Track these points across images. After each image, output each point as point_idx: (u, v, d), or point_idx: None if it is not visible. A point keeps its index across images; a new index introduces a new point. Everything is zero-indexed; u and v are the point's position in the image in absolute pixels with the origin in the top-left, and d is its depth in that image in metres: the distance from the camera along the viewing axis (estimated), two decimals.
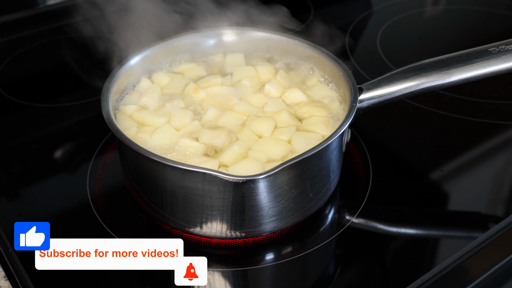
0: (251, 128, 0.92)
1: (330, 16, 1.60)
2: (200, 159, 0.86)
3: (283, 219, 0.87)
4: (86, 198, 0.98)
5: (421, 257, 0.89)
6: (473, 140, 1.13)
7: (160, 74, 1.04)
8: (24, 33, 1.47)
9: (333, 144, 0.86)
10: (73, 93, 1.27)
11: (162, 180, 0.83)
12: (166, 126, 0.93)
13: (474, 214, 0.98)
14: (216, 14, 1.08)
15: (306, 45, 1.05)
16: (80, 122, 1.20)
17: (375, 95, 0.93)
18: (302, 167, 0.83)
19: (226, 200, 0.82)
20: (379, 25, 1.55)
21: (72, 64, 1.33)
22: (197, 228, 0.87)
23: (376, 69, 1.35)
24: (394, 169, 1.06)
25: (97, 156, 1.07)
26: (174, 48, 1.07)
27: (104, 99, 0.90)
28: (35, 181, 1.05)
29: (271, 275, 0.88)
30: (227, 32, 1.10)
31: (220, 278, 0.86)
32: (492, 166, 1.07)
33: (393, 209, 0.97)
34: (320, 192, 0.90)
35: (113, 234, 0.91)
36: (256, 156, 0.86)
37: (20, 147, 1.13)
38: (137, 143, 0.82)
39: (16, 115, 1.23)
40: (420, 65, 0.94)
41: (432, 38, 1.51)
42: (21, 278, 0.84)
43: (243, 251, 0.89)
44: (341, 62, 0.99)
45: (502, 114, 1.20)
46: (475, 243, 0.90)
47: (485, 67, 0.93)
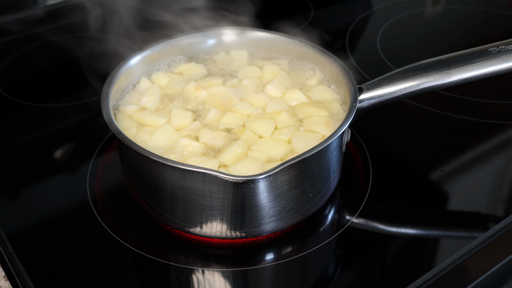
0: (252, 129, 0.92)
1: (330, 16, 1.60)
2: (200, 159, 0.86)
3: (283, 219, 0.87)
4: (86, 198, 0.98)
5: (421, 257, 0.89)
6: (473, 140, 1.13)
7: (160, 74, 1.04)
8: (24, 33, 1.47)
9: (333, 144, 0.86)
10: (73, 93, 1.27)
11: (162, 180, 0.83)
12: (166, 126, 0.93)
13: (474, 214, 0.98)
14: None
15: (306, 45, 1.05)
16: (80, 122, 1.20)
17: (375, 95, 0.93)
18: (302, 167, 0.83)
19: (226, 200, 0.82)
20: (379, 25, 1.55)
21: (72, 64, 1.33)
22: (197, 228, 0.87)
23: (376, 69, 1.35)
24: (394, 169, 1.06)
25: (97, 156, 1.07)
26: (174, 48, 1.07)
27: (104, 99, 0.90)
28: (35, 181, 1.05)
29: (271, 275, 0.88)
30: (227, 32, 1.10)
31: (220, 278, 0.86)
32: (492, 166, 1.07)
33: (393, 209, 0.97)
34: (320, 192, 0.90)
35: (113, 234, 0.91)
36: (256, 156, 0.86)
37: (20, 147, 1.13)
38: (137, 143, 0.82)
39: (16, 115, 1.23)
40: (420, 65, 0.94)
41: (432, 38, 1.51)
42: (21, 278, 0.84)
43: (243, 251, 0.89)
44: (341, 62, 0.99)
45: (502, 114, 1.20)
46: (475, 243, 0.90)
47: (485, 67, 0.93)
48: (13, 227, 0.93)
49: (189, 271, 0.86)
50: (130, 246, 0.89)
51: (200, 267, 0.87)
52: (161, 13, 1.09)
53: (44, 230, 0.93)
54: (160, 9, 1.09)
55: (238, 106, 0.97)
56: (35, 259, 0.88)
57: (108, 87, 0.93)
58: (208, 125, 0.94)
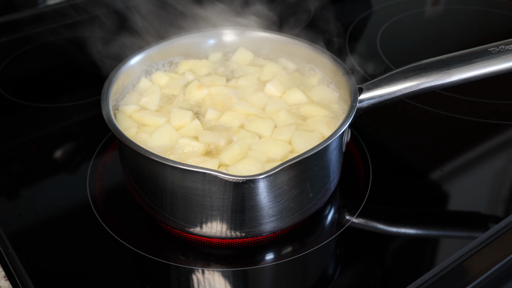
0: (251, 128, 0.92)
1: (330, 16, 1.60)
2: (200, 158, 0.86)
3: (283, 219, 0.87)
4: (86, 198, 0.98)
5: (421, 257, 0.89)
6: (473, 140, 1.13)
7: (160, 74, 1.04)
8: (24, 33, 1.47)
9: (333, 144, 0.86)
10: (73, 93, 1.27)
11: (162, 180, 0.83)
12: (166, 126, 0.92)
13: (474, 214, 0.98)
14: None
15: (306, 45, 1.05)
16: (80, 122, 1.20)
17: (375, 95, 0.93)
18: (302, 167, 0.83)
19: (226, 200, 0.82)
20: (379, 25, 1.55)
21: (72, 64, 1.33)
22: (197, 228, 0.87)
23: (376, 69, 1.35)
24: (394, 169, 1.06)
25: (97, 156, 1.07)
26: (174, 48, 1.07)
27: (104, 99, 0.90)
28: (35, 181, 1.05)
29: (271, 275, 0.88)
30: (227, 32, 1.10)
31: (220, 278, 0.86)
32: (492, 166, 1.07)
33: (393, 209, 0.97)
34: (320, 192, 0.90)
35: (113, 234, 0.91)
36: (256, 156, 0.86)
37: (20, 147, 1.13)
38: (137, 143, 0.82)
39: (16, 115, 1.23)
40: (420, 65, 0.94)
41: (432, 38, 1.51)
42: (21, 278, 0.84)
43: (243, 251, 0.89)
44: (341, 62, 0.99)
45: (502, 114, 1.20)
46: (475, 243, 0.90)
47: (485, 67, 0.93)
48: (13, 227, 0.93)
49: (189, 271, 0.86)
50: (130, 246, 0.89)
51: (200, 267, 0.87)
52: (161, 13, 1.09)
53: (44, 230, 0.93)
54: (160, 9, 1.09)
55: (237, 106, 0.97)
56: (35, 259, 0.88)
57: (108, 87, 0.93)
58: (208, 124, 0.94)
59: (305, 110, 0.96)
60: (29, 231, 0.93)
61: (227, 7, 1.10)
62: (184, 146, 0.89)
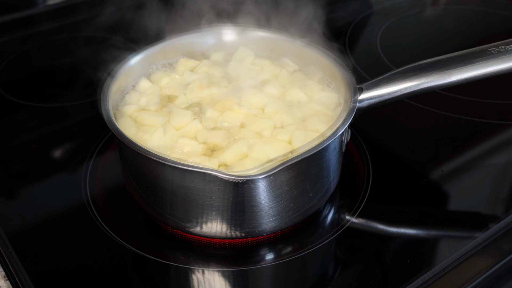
0: (251, 128, 0.92)
1: (330, 16, 1.60)
2: (199, 158, 0.86)
3: (283, 219, 0.87)
4: (86, 198, 0.98)
5: (421, 257, 0.89)
6: (473, 140, 1.13)
7: (160, 74, 1.04)
8: (24, 33, 1.47)
9: (333, 144, 0.86)
10: (73, 93, 1.27)
11: (162, 180, 0.83)
12: (166, 126, 0.92)
13: (474, 214, 0.98)
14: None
15: (306, 45, 1.05)
16: (80, 122, 1.20)
17: (375, 95, 0.93)
18: (302, 167, 0.83)
19: (226, 200, 0.82)
20: (379, 25, 1.55)
21: (72, 64, 1.33)
22: (197, 228, 0.87)
23: (376, 69, 1.35)
24: (394, 169, 1.06)
25: (97, 156, 1.07)
26: (174, 48, 1.07)
27: (103, 99, 0.90)
28: (35, 181, 1.05)
29: (271, 275, 0.88)
30: (227, 32, 1.10)
31: (220, 278, 0.86)
32: (492, 166, 1.07)
33: (393, 209, 0.97)
34: (320, 192, 0.90)
35: (112, 234, 0.91)
36: (256, 156, 0.86)
37: (20, 147, 1.13)
38: (137, 143, 0.82)
39: (16, 115, 1.23)
40: (420, 65, 0.94)
41: (432, 38, 1.51)
42: (21, 278, 0.84)
43: (243, 251, 0.89)
44: (341, 62, 0.99)
45: (502, 114, 1.20)
46: (475, 243, 0.90)
47: (485, 67, 0.93)
48: (13, 227, 0.93)
49: (189, 271, 0.86)
50: (130, 246, 0.89)
51: (200, 267, 0.87)
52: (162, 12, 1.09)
53: (44, 230, 0.93)
54: (161, 8, 1.09)
55: (237, 106, 0.97)
56: (35, 259, 0.88)
57: (107, 87, 0.93)
58: (208, 124, 0.94)
59: (305, 110, 0.96)
60: (29, 231, 0.93)
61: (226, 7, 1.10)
62: (184, 146, 0.89)
